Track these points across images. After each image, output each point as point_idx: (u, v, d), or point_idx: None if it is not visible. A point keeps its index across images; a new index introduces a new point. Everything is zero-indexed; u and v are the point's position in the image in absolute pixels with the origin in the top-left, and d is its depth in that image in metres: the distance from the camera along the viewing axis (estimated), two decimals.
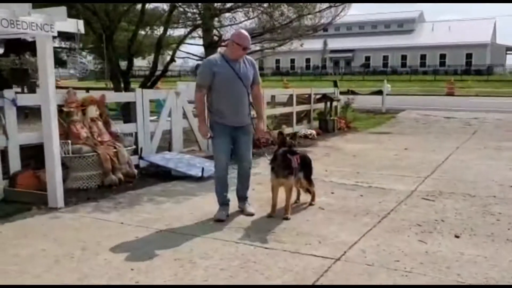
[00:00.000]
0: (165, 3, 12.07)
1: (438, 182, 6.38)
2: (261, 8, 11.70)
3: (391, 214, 4.90)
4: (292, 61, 64.67)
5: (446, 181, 6.40)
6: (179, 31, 15.99)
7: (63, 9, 4.96)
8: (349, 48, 62.40)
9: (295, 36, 14.44)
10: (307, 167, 5.20)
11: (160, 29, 12.22)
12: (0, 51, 20.21)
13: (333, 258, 3.67)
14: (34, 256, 3.75)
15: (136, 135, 7.22)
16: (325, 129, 12.17)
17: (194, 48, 16.33)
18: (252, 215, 4.83)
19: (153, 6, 13.50)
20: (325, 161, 8.00)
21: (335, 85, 14.40)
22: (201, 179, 6.52)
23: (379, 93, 18.69)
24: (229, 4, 11.16)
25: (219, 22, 13.22)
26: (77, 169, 5.96)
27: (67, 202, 5.30)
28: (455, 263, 3.56)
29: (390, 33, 63.15)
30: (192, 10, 11.69)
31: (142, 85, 9.79)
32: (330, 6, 13.89)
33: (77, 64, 6.10)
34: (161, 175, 6.79)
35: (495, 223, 4.55)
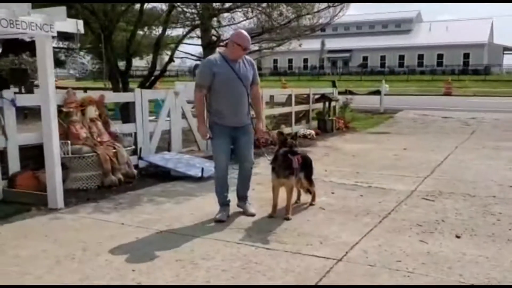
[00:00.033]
0: (163, 3, 12.04)
1: (437, 182, 6.38)
2: (259, 8, 11.69)
3: (391, 214, 4.90)
4: (290, 61, 64.68)
5: (445, 181, 6.40)
6: (177, 31, 15.98)
7: (62, 9, 4.94)
8: (347, 48, 62.44)
9: (293, 36, 14.43)
10: (308, 167, 5.19)
11: (158, 29, 12.20)
12: None
13: (335, 258, 3.66)
14: (35, 257, 3.74)
15: (135, 135, 7.20)
16: (324, 129, 12.17)
17: (192, 48, 16.32)
18: (253, 215, 4.82)
19: (151, 5, 13.48)
20: (324, 161, 8.00)
21: (334, 85, 14.41)
22: (200, 179, 6.51)
23: (377, 93, 18.72)
24: (228, 4, 11.15)
25: (218, 22, 13.21)
26: (76, 169, 5.95)
27: (67, 202, 5.28)
28: (456, 263, 3.56)
29: (387, 33, 63.21)
30: (190, 10, 11.67)
31: (140, 85, 9.77)
32: (328, 6, 13.88)
33: (77, 64, 6.08)
34: (160, 175, 6.77)
35: (495, 223, 4.55)
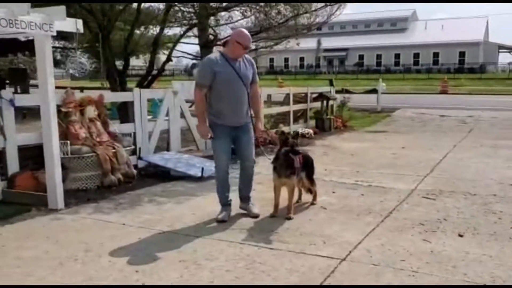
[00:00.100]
0: (161, 3, 11.99)
1: (437, 180, 6.39)
2: (257, 6, 11.66)
3: (393, 213, 4.89)
4: (286, 60, 64.65)
5: (445, 180, 6.41)
6: (174, 30, 15.94)
7: (62, 9, 4.91)
8: (343, 47, 62.50)
9: (290, 35, 14.42)
10: (309, 166, 5.18)
11: (156, 28, 12.14)
12: None
13: (339, 258, 3.66)
14: (37, 258, 3.71)
15: (134, 135, 7.17)
16: (322, 128, 12.16)
17: (188, 47, 16.27)
18: (257, 216, 4.76)
19: (148, 4, 13.42)
20: (324, 160, 7.99)
21: (331, 84, 14.39)
22: (200, 179, 6.49)
23: (373, 91, 18.73)
24: (226, 3, 11.12)
25: (216, 21, 13.17)
26: (76, 169, 5.91)
27: (67, 203, 5.26)
28: (460, 262, 3.56)
29: (383, 31, 63.30)
30: (188, 9, 11.63)
31: (138, 85, 9.72)
32: (326, 5, 13.88)
33: (76, 63, 6.05)
34: (160, 175, 6.75)
35: (497, 222, 4.56)
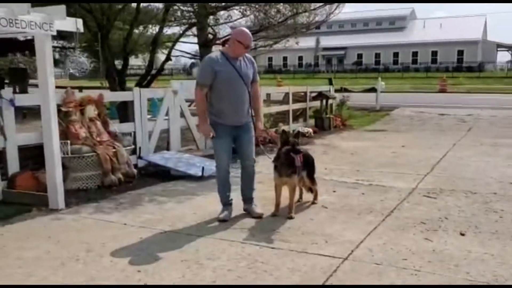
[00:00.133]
0: (160, 3, 11.98)
1: (437, 179, 6.39)
2: (257, 5, 11.65)
3: (394, 212, 4.89)
4: (284, 59, 64.65)
5: (445, 179, 6.41)
6: (172, 29, 15.90)
7: (62, 8, 4.89)
8: (342, 45, 62.55)
9: (289, 33, 14.42)
10: (310, 166, 5.18)
11: (155, 27, 12.13)
12: None
13: (341, 257, 3.65)
14: (38, 258, 3.70)
15: (134, 135, 7.16)
16: (321, 127, 12.15)
17: (187, 46, 16.26)
18: (260, 217, 4.72)
19: (147, 4, 13.40)
20: (323, 159, 7.98)
21: (330, 83, 14.37)
22: (201, 178, 6.48)
23: (372, 90, 18.73)
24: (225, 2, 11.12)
25: (216, 20, 13.16)
26: (76, 169, 5.90)
27: (68, 203, 5.24)
28: (463, 261, 3.56)
29: (381, 30, 63.36)
30: (187, 8, 11.61)
31: (137, 84, 9.72)
32: (324, 4, 13.88)
33: (76, 63, 6.02)
34: (160, 174, 6.74)
35: (498, 221, 4.56)
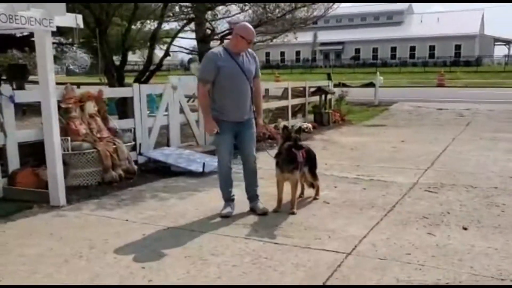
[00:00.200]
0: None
1: (438, 174, 6.40)
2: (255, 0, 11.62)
3: (396, 207, 4.90)
4: (282, 54, 64.49)
5: (446, 173, 6.42)
6: (170, 25, 15.87)
7: (62, 4, 4.86)
8: (339, 40, 62.38)
9: (287, 28, 14.38)
10: (312, 161, 5.18)
11: (153, 23, 12.09)
12: None
13: (345, 252, 3.66)
14: (41, 255, 3.69)
15: (134, 131, 7.14)
16: (320, 122, 12.15)
17: (185, 41, 16.23)
18: (265, 213, 4.68)
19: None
20: (323, 155, 7.97)
21: (329, 78, 14.37)
22: (202, 174, 6.47)
23: (370, 85, 18.70)
24: None
25: (214, 15, 13.12)
26: (76, 166, 5.89)
27: (69, 199, 5.23)
28: (466, 255, 3.57)
29: (379, 25, 63.22)
30: (185, 3, 11.57)
31: (136, 80, 9.70)
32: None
33: (77, 59, 5.99)
34: (160, 170, 6.73)
35: (500, 215, 4.57)
